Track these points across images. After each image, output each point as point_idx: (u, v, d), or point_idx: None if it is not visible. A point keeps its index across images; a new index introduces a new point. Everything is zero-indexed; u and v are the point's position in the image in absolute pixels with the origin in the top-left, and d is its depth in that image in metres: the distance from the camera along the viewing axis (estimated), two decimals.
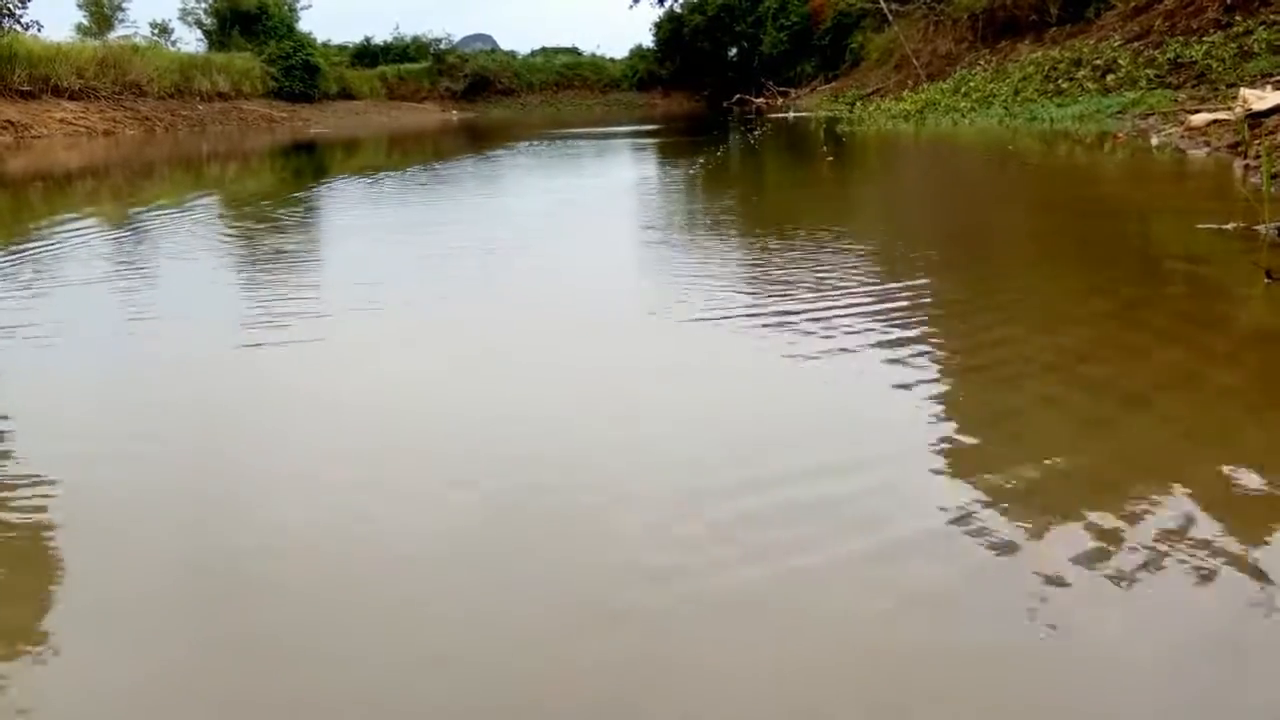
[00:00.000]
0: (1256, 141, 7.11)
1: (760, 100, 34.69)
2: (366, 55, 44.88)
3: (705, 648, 1.46)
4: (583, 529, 1.87)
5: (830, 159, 11.83)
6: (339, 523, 1.92)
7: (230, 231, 6.88)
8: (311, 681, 1.42)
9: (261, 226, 6.97)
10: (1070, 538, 1.73)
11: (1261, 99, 8.57)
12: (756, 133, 17.38)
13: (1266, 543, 1.70)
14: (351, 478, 2.13)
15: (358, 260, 5.49)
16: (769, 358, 3.01)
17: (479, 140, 19.31)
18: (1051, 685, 1.35)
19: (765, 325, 3.35)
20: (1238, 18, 13.75)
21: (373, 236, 6.48)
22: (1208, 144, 8.78)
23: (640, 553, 1.76)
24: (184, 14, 35.45)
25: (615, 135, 20.03)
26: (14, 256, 5.57)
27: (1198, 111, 10.35)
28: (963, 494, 1.93)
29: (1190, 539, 1.72)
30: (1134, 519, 1.80)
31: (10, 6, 22.52)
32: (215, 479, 2.18)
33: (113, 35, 30.88)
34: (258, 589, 1.69)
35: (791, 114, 23.67)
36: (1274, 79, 10.92)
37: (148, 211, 8.23)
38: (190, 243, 6.20)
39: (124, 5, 32.24)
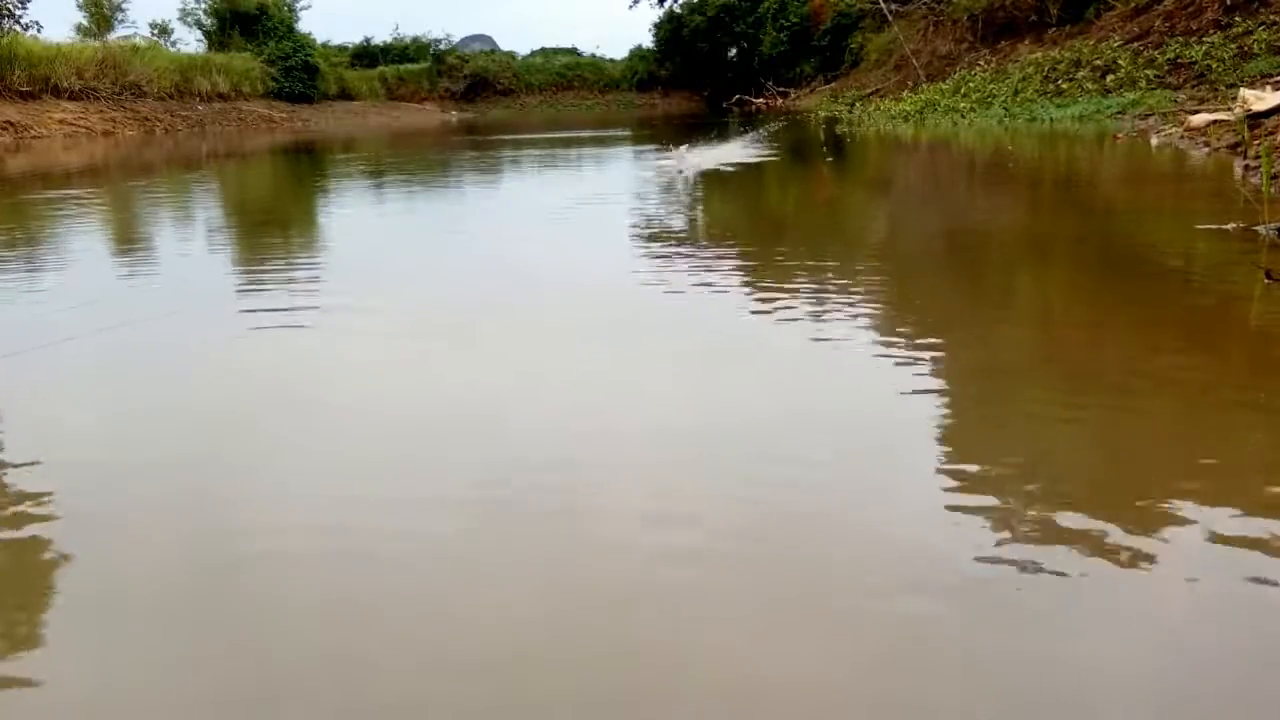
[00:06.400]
0: (1256, 142, 7.10)
1: (760, 101, 34.70)
2: (366, 56, 44.88)
3: (702, 646, 1.45)
4: (580, 527, 1.86)
5: (829, 159, 11.83)
6: (336, 523, 1.91)
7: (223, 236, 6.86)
8: (308, 682, 1.41)
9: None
10: (1065, 538, 1.72)
11: (1261, 99, 8.56)
12: (760, 133, 17.36)
13: (1267, 544, 1.69)
14: (350, 477, 2.13)
15: (355, 259, 5.48)
16: (761, 357, 3.00)
17: (478, 145, 19.29)
18: (1043, 685, 1.34)
19: (757, 321, 3.34)
20: (1237, 18, 13.76)
21: (373, 233, 6.47)
22: (1207, 144, 8.77)
23: (639, 554, 1.75)
24: (183, 14, 35.44)
25: (613, 140, 20.00)
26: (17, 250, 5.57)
27: (1197, 112, 10.34)
28: (961, 495, 1.92)
29: (1185, 539, 1.71)
30: (1129, 519, 1.79)
31: (10, 6, 22.52)
32: (213, 476, 2.17)
33: (112, 36, 30.85)
34: (255, 588, 1.68)
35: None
36: (1273, 79, 10.91)
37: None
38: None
39: (124, 6, 32.18)
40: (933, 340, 3.12)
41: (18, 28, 22.60)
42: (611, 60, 48.70)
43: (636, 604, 1.59)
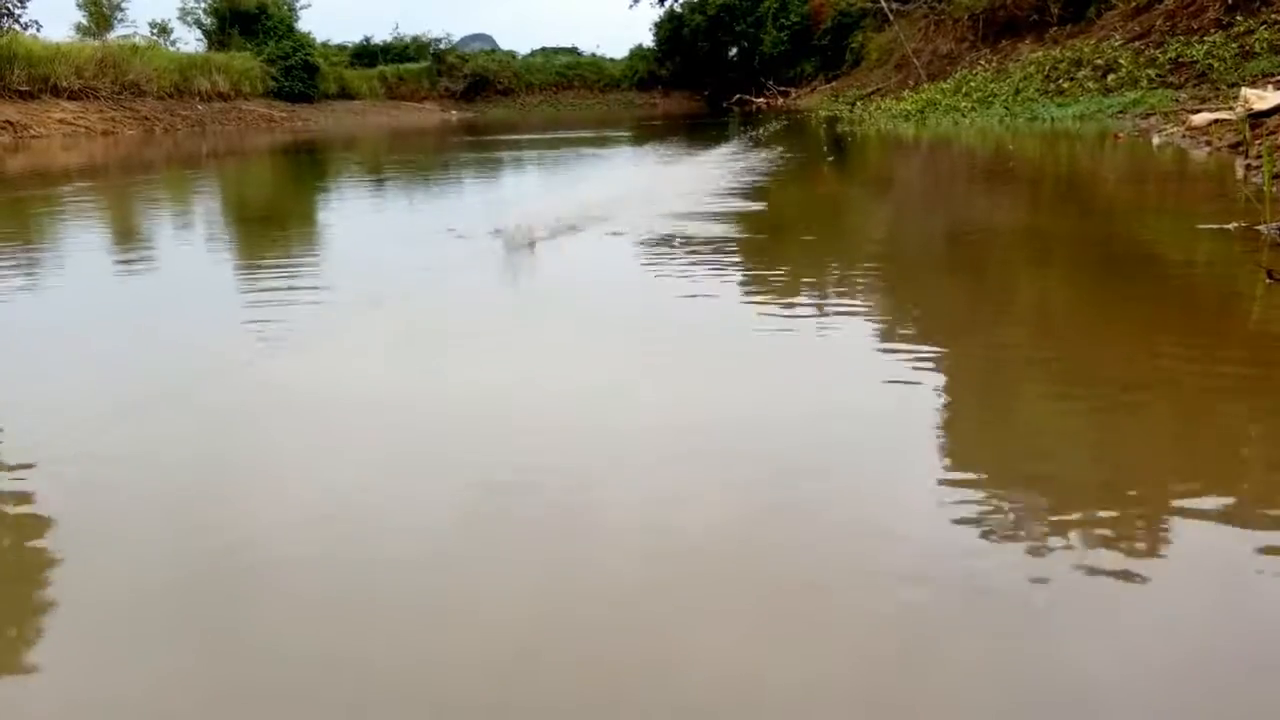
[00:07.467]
0: (1258, 141, 7.09)
1: (761, 100, 34.73)
2: (366, 55, 44.92)
3: (703, 645, 1.44)
4: (581, 525, 1.84)
5: (830, 159, 11.83)
6: (335, 522, 1.89)
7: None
8: (304, 682, 1.40)
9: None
10: (1066, 536, 1.71)
11: (1262, 99, 8.55)
12: (759, 133, 17.34)
13: (1266, 544, 1.67)
14: (347, 476, 2.11)
15: (354, 260, 5.47)
16: (759, 361, 2.98)
17: (460, 145, 19.29)
18: (1043, 685, 1.32)
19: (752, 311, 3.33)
20: (1239, 17, 13.75)
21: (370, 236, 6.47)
22: (1209, 144, 8.76)
23: (639, 553, 1.74)
24: (183, 14, 35.46)
25: (612, 141, 20.00)
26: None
27: (1199, 111, 10.33)
28: (962, 493, 1.90)
29: (1186, 538, 1.70)
30: (1130, 518, 1.77)
31: (10, 6, 22.57)
32: (211, 474, 2.16)
33: (112, 35, 30.89)
34: (252, 588, 1.67)
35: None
36: (1275, 78, 10.90)
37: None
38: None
39: (123, 5, 32.23)
40: (933, 339, 3.10)
41: (17, 27, 22.63)
42: (612, 60, 48.75)
43: (637, 603, 1.57)
